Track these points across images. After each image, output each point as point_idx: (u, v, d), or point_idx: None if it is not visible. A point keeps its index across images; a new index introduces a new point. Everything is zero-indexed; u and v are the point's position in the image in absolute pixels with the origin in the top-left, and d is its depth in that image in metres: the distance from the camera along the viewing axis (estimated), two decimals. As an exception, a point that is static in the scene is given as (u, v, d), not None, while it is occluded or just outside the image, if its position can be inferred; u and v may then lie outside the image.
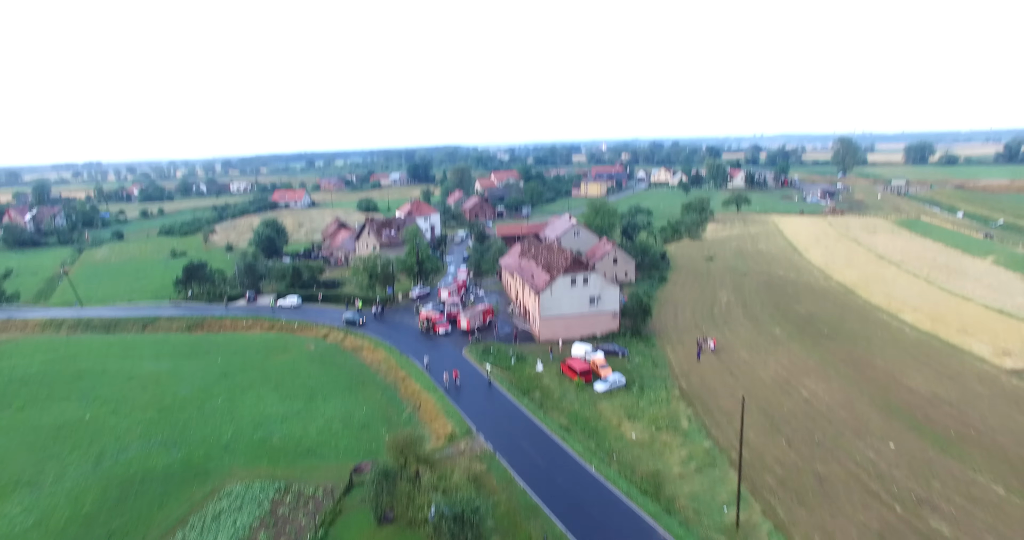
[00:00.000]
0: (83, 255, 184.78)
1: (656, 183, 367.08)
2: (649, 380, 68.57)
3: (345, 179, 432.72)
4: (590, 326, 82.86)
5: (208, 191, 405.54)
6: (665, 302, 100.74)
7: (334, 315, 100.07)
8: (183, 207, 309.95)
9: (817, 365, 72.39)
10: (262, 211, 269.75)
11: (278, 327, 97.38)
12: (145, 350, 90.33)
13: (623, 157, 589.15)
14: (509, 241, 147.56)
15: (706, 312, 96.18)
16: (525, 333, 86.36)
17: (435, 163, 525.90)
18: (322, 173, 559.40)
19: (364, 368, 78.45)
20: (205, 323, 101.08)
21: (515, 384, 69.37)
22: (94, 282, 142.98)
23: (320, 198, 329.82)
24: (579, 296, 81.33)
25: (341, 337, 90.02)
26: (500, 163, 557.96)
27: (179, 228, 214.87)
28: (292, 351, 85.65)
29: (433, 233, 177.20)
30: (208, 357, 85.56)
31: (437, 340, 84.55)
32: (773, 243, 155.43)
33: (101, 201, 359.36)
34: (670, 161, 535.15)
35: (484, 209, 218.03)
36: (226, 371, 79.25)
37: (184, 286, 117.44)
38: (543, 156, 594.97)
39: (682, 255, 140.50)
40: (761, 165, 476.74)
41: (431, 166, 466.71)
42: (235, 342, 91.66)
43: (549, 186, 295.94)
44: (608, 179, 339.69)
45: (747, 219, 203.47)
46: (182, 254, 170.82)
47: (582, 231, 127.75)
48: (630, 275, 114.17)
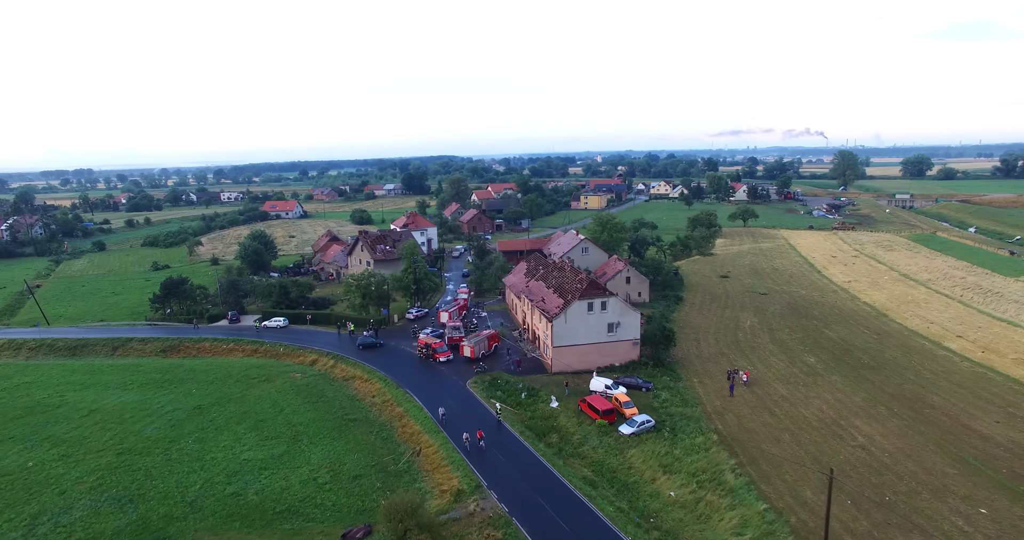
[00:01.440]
0: (60, 267, 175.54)
1: (656, 195, 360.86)
2: (681, 421, 60.30)
3: (339, 189, 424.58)
4: (608, 356, 74.70)
5: (198, 200, 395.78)
6: (684, 326, 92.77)
7: (324, 338, 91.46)
8: (171, 217, 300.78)
9: (865, 403, 64.38)
10: (252, 222, 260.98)
11: (262, 351, 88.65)
12: (112, 377, 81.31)
13: (620, 169, 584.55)
14: (511, 256, 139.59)
15: (730, 338, 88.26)
16: (534, 361, 78.10)
17: (430, 174, 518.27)
18: (315, 183, 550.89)
19: (356, 402, 69.80)
20: (181, 346, 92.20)
21: (528, 425, 60.97)
22: (66, 297, 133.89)
23: (313, 209, 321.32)
24: (596, 323, 73.24)
25: (331, 364, 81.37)
26: (496, 174, 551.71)
27: (164, 239, 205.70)
28: (276, 380, 76.92)
29: (430, 247, 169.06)
30: (182, 387, 76.69)
31: (437, 369, 76.07)
32: (788, 260, 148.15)
33: (86, 210, 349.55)
34: (667, 174, 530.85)
35: (483, 222, 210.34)
36: (200, 404, 70.40)
37: (162, 304, 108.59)
38: (539, 168, 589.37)
39: (695, 272, 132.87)
40: (759, 178, 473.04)
41: (426, 177, 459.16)
42: (213, 369, 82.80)
43: (548, 198, 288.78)
44: (608, 191, 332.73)
45: (756, 234, 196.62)
46: (164, 267, 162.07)
47: (591, 247, 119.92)
48: (644, 295, 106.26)
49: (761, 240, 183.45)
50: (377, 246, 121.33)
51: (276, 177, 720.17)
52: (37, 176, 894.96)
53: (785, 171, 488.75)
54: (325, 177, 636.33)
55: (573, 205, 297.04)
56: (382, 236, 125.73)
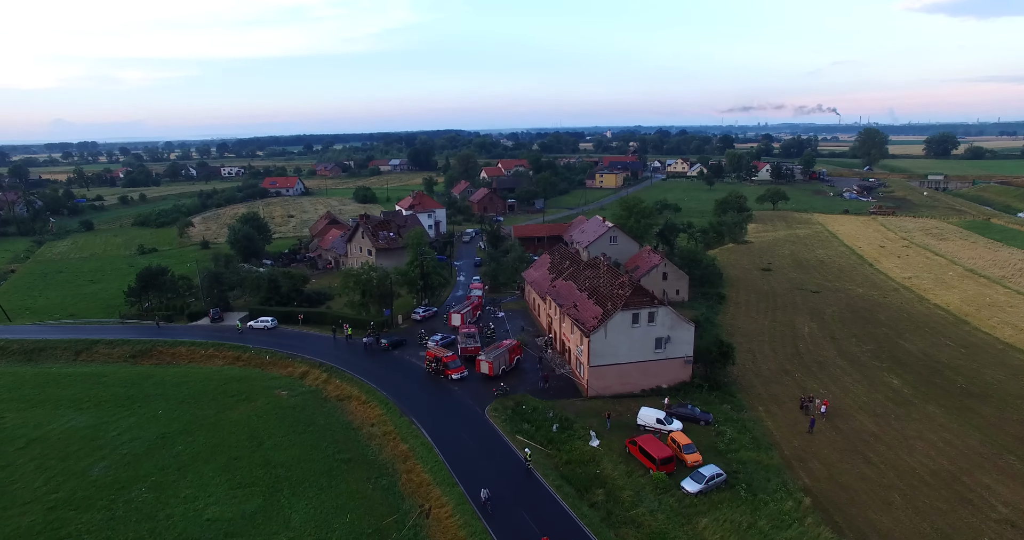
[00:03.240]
0: (41, 249, 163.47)
1: (673, 174, 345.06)
2: (758, 473, 47.93)
3: (343, 164, 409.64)
4: (654, 376, 62.18)
5: (198, 175, 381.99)
6: (733, 332, 79.99)
7: (318, 343, 79.25)
8: (168, 193, 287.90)
9: (985, 448, 51.74)
10: (250, 200, 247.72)
11: (245, 359, 76.53)
12: (68, 391, 69.53)
13: (632, 146, 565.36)
14: (528, 244, 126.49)
15: (789, 348, 75.54)
16: (564, 380, 65.69)
17: (436, 149, 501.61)
18: (319, 158, 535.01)
19: (351, 433, 57.72)
20: (154, 351, 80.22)
21: (564, 473, 48.78)
22: (38, 286, 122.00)
23: (315, 185, 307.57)
24: (642, 338, 60.53)
25: (323, 379, 69.18)
26: (504, 149, 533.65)
27: (155, 219, 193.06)
28: (258, 399, 64.92)
29: (438, 230, 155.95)
30: (147, 406, 64.85)
31: (449, 390, 63.75)
32: (832, 250, 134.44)
33: (82, 185, 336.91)
34: (680, 150, 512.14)
35: (494, 202, 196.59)
36: (166, 432, 58.59)
37: (138, 297, 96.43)
38: (549, 143, 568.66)
39: (732, 264, 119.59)
40: (775, 156, 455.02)
41: (433, 152, 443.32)
42: (188, 381, 70.88)
43: (561, 176, 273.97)
44: (623, 169, 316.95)
45: (788, 218, 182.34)
46: (151, 251, 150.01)
47: (620, 237, 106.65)
48: (683, 293, 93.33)
49: (796, 226, 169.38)
50: (379, 233, 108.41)
51: (280, 151, 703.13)
52: (41, 148, 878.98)
53: (803, 149, 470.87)
54: (330, 152, 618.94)
55: (588, 183, 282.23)
56: (385, 221, 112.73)
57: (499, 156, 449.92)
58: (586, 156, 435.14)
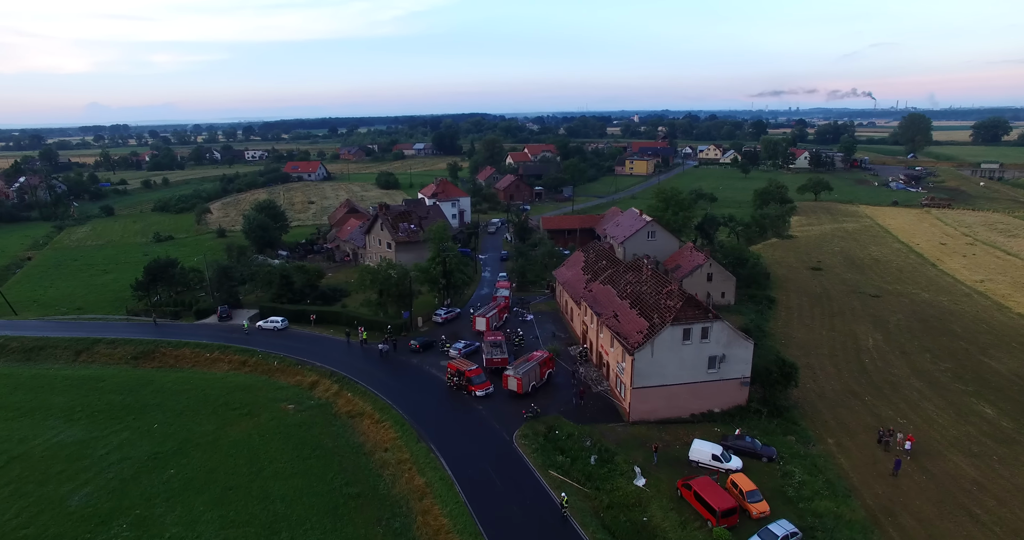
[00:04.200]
0: (61, 235, 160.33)
1: (705, 161, 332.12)
2: (838, 531, 40.13)
3: (366, 148, 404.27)
4: (706, 399, 54.45)
5: (222, 159, 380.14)
6: (788, 343, 71.68)
7: (330, 348, 72.93)
8: (191, 177, 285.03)
9: (1110, 500, 43.19)
10: (271, 185, 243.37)
11: (251, 364, 70.60)
12: (62, 398, 64.37)
13: (661, 131, 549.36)
14: (558, 237, 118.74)
15: (853, 364, 67.01)
16: (602, 399, 58.30)
17: (461, 133, 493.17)
18: (344, 141, 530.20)
19: (362, 460, 51.21)
20: (157, 352, 74.78)
21: (606, 521, 41.62)
22: (51, 275, 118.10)
23: (338, 169, 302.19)
24: (693, 356, 52.74)
25: (334, 391, 62.82)
26: (530, 134, 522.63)
27: (175, 204, 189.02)
28: (262, 413, 58.85)
29: (462, 220, 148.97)
30: (143, 418, 59.28)
31: (472, 408, 56.84)
32: (887, 247, 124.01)
33: (108, 168, 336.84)
34: (710, 136, 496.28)
35: (520, 189, 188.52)
36: (158, 452, 52.85)
37: (146, 291, 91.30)
38: (575, 127, 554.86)
39: (778, 262, 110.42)
40: (811, 142, 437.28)
41: (458, 136, 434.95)
42: (189, 388, 65.23)
43: (589, 162, 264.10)
44: (653, 155, 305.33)
45: (833, 210, 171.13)
46: (167, 239, 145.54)
47: (658, 232, 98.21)
48: (728, 296, 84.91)
49: (842, 219, 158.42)
50: (400, 224, 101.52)
51: (305, 134, 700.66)
52: (76, 131, 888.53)
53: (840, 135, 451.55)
54: (354, 135, 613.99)
55: (617, 170, 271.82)
56: (406, 212, 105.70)
57: (525, 140, 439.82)
58: (614, 141, 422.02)
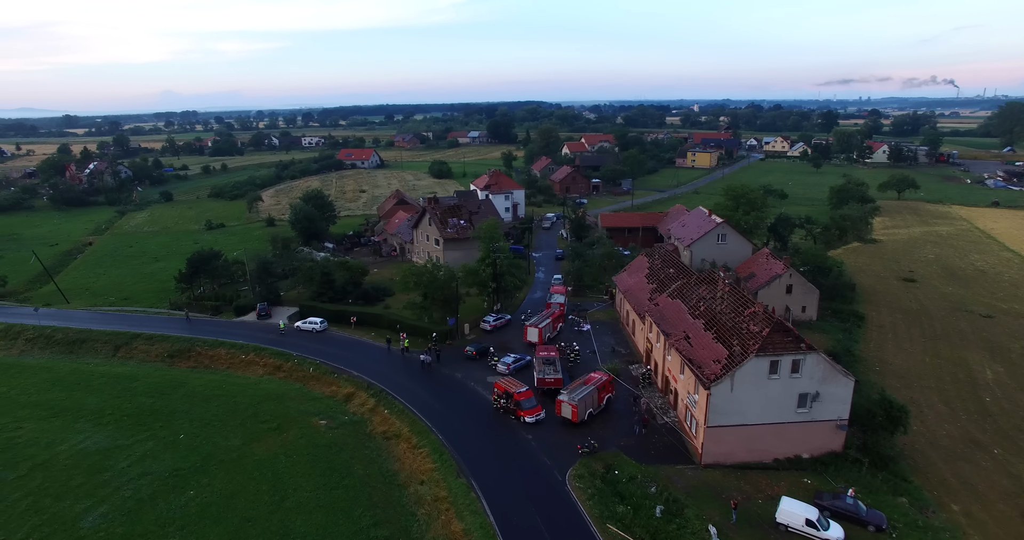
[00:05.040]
0: (121, 220, 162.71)
1: (771, 153, 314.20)
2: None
3: (421, 136, 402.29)
4: (793, 443, 46.38)
5: (280, 145, 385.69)
6: (884, 372, 62.27)
7: (370, 355, 68.02)
8: (249, 163, 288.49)
9: None
10: (325, 172, 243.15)
11: (286, 370, 66.45)
12: (94, 399, 61.72)
13: (722, 121, 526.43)
14: (617, 235, 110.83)
15: (971, 404, 57.13)
16: (669, 433, 50.96)
17: (516, 121, 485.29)
18: (399, 128, 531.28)
19: (395, 491, 45.77)
20: (192, 351, 71.69)
21: (676, 598, 34.70)
22: (106, 262, 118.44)
23: (392, 157, 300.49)
24: (781, 393, 44.74)
25: (370, 406, 57.72)
26: (587, 123, 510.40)
27: (229, 190, 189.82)
28: (292, 428, 54.29)
29: (515, 213, 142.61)
30: (170, 426, 55.71)
31: (520, 437, 50.55)
32: (992, 255, 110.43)
33: (173, 154, 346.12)
34: (775, 127, 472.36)
35: (577, 182, 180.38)
36: (179, 468, 48.89)
37: (189, 284, 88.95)
38: (633, 117, 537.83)
39: (862, 270, 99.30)
40: (887, 134, 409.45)
41: (513, 124, 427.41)
42: (219, 394, 61.50)
43: (649, 153, 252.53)
44: (716, 147, 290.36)
45: (920, 211, 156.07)
46: (218, 226, 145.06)
47: (729, 235, 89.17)
48: (810, 311, 75.46)
49: (932, 221, 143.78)
50: (449, 220, 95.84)
51: (362, 121, 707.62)
52: (150, 118, 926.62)
53: (920, 126, 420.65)
54: (410, 122, 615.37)
55: (678, 162, 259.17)
56: (456, 206, 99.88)
57: (581, 129, 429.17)
58: (674, 131, 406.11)
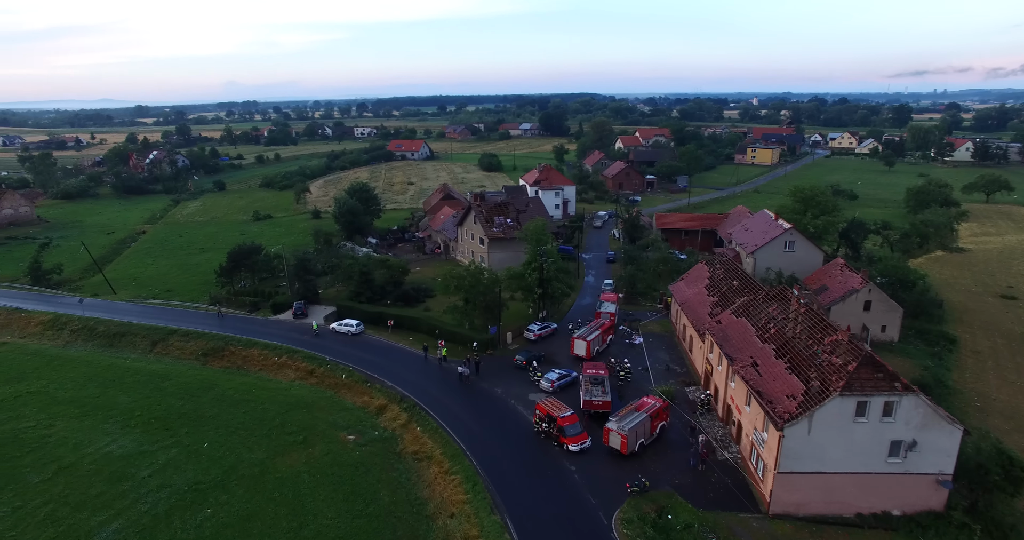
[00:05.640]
0: (175, 209, 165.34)
1: (838, 150, 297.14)
2: None
3: (472, 127, 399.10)
4: (882, 497, 39.92)
5: (333, 135, 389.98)
6: (987, 410, 54.39)
7: (406, 363, 64.38)
8: (302, 153, 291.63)
9: None
10: (374, 163, 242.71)
11: (318, 375, 63.51)
12: (126, 398, 60.24)
13: (783, 115, 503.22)
14: (673, 237, 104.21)
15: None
16: (730, 471, 45.18)
17: (569, 113, 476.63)
18: (452, 119, 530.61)
19: (422, 524, 41.72)
20: (227, 350, 69.68)
21: None
22: (156, 251, 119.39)
23: (442, 148, 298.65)
24: (868, 438, 38.39)
25: (403, 421, 53.96)
26: (641, 115, 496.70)
27: (279, 180, 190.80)
28: (318, 443, 51.06)
29: (565, 211, 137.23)
30: (196, 432, 53.44)
31: (562, 467, 45.74)
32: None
33: (230, 143, 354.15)
34: (840, 121, 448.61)
35: (631, 178, 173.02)
36: (200, 481, 46.28)
37: (229, 278, 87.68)
38: (689, 110, 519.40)
39: (947, 284, 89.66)
40: (966, 129, 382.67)
41: (565, 116, 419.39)
42: (249, 399, 59.01)
43: (706, 149, 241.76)
44: (778, 143, 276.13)
45: (1014, 216, 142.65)
46: (266, 217, 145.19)
47: (798, 242, 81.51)
48: (891, 331, 67.59)
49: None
50: (495, 218, 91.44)
51: (415, 112, 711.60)
52: (213, 108, 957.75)
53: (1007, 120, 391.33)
54: (462, 113, 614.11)
55: (737, 158, 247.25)
56: (502, 204, 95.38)
57: (635, 123, 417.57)
58: (732, 125, 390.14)
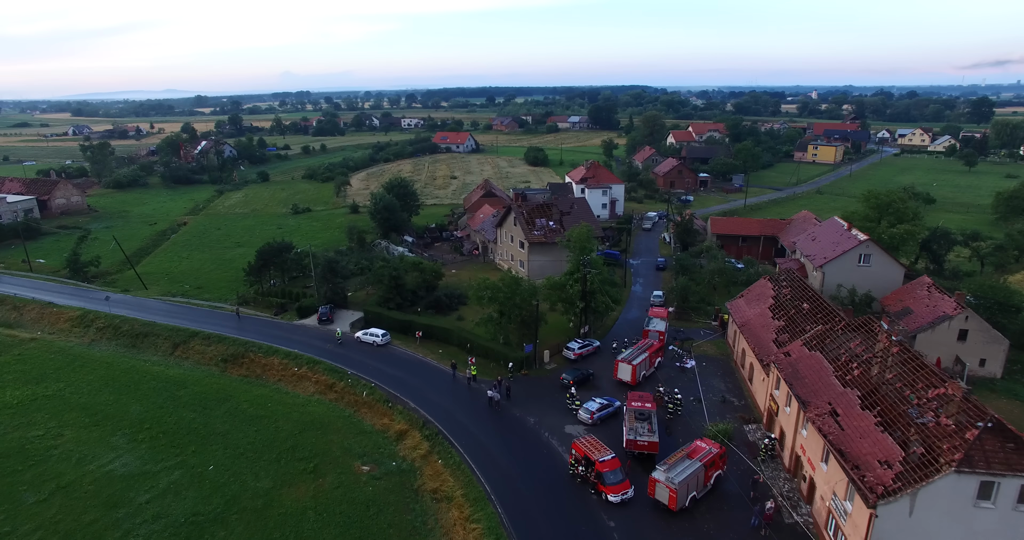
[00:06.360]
0: (219, 200, 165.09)
1: (908, 148, 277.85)
2: None
3: (520, 119, 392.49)
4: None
5: (380, 126, 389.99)
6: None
7: (432, 378, 59.16)
8: (348, 144, 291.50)
9: None
10: (419, 155, 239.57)
11: (337, 390, 58.90)
12: (138, 407, 57.01)
13: (846, 109, 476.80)
14: (729, 244, 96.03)
15: None
16: (796, 535, 38.13)
17: (620, 106, 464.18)
18: (500, 110, 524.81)
19: (435, 584, 36.46)
20: (247, 356, 65.89)
21: None
22: (193, 244, 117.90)
23: (488, 141, 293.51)
24: (998, 529, 30.71)
25: (423, 451, 48.68)
26: (694, 109, 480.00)
27: (322, 172, 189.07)
28: (330, 473, 46.29)
29: (613, 211, 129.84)
30: (203, 451, 49.53)
31: (600, 522, 39.51)
32: None
33: (280, 133, 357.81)
34: (910, 116, 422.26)
35: (683, 176, 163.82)
36: (198, 513, 42.13)
37: (257, 277, 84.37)
38: (744, 104, 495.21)
39: (1050, 305, 78.48)
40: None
41: (615, 109, 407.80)
42: (263, 415, 54.86)
43: (764, 146, 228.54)
44: (841, 139, 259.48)
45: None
46: (304, 210, 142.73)
47: (875, 256, 72.34)
48: (992, 366, 58.39)
49: None
50: (536, 220, 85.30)
51: (463, 103, 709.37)
52: (269, 97, 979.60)
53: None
54: (511, 105, 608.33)
55: (797, 156, 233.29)
56: (545, 205, 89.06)
57: (687, 116, 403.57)
58: (790, 120, 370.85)
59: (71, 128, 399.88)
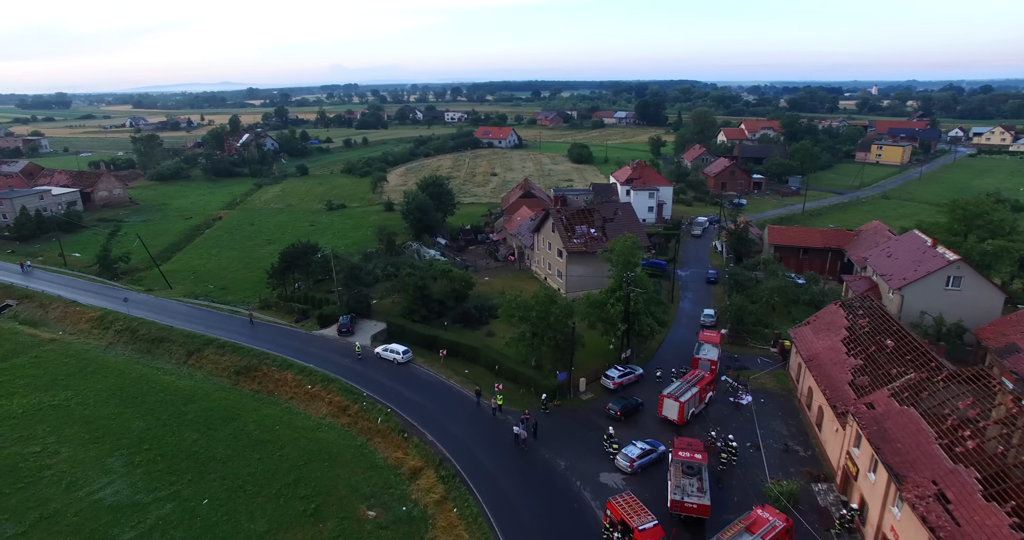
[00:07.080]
0: (256, 194, 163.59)
1: (984, 148, 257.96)
2: None
3: (565, 114, 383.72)
4: None
5: (423, 119, 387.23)
6: None
7: (453, 407, 53.40)
8: (390, 137, 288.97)
9: None
10: (460, 150, 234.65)
11: (351, 414, 53.78)
12: (141, 423, 53.20)
13: (910, 105, 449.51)
14: (788, 256, 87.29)
15: None
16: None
17: (668, 101, 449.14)
18: (545, 104, 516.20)
19: None
20: (260, 369, 61.55)
21: None
22: (224, 240, 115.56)
23: (532, 135, 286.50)
24: None
25: (437, 497, 42.86)
26: (745, 105, 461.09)
27: (360, 167, 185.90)
28: (331, 518, 41.08)
29: (660, 214, 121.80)
30: (200, 481, 45.08)
31: (638, 604, 33.07)
32: None
33: (324, 126, 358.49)
34: (984, 113, 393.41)
35: (735, 177, 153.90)
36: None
37: (280, 279, 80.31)
38: (799, 100, 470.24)
39: None
40: None
41: (664, 105, 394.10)
42: (270, 441, 50.19)
43: (823, 145, 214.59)
44: (908, 139, 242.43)
45: None
46: (339, 207, 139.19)
47: (967, 279, 62.94)
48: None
49: None
50: (576, 227, 78.57)
51: (509, 96, 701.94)
52: (318, 90, 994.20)
53: None
54: (556, 99, 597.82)
55: (859, 156, 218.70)
56: (586, 211, 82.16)
57: (738, 113, 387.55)
58: (849, 118, 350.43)
59: (128, 120, 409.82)
